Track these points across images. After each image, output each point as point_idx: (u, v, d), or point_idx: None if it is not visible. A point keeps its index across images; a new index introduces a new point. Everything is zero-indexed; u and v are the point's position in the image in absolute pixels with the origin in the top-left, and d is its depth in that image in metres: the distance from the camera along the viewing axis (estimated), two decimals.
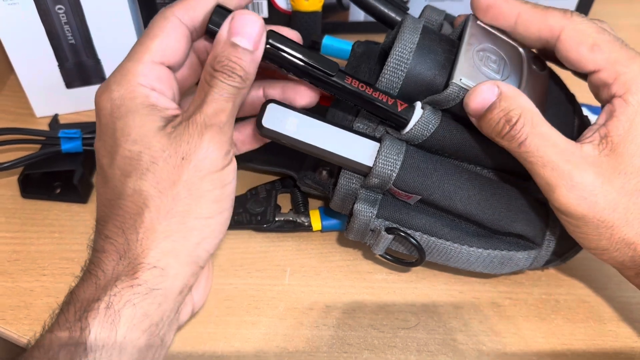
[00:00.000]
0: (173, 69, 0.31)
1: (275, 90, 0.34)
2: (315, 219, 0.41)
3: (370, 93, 0.32)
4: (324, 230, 0.41)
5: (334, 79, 0.31)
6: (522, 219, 0.34)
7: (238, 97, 0.29)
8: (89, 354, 0.26)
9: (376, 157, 0.32)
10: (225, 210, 0.30)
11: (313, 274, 0.39)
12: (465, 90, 0.31)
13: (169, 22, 0.29)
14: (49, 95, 0.49)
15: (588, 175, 0.29)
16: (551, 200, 0.30)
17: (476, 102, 0.30)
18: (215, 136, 0.28)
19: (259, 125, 0.32)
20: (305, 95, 0.33)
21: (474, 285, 0.39)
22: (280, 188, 0.43)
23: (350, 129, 0.33)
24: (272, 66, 0.31)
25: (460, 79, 0.31)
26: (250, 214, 0.41)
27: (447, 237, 0.35)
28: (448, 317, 0.37)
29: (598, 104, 0.33)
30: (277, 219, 0.41)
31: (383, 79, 0.32)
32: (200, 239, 0.29)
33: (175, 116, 0.29)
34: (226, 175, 0.29)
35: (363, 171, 0.33)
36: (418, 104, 0.32)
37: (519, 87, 0.33)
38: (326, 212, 0.41)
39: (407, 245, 0.35)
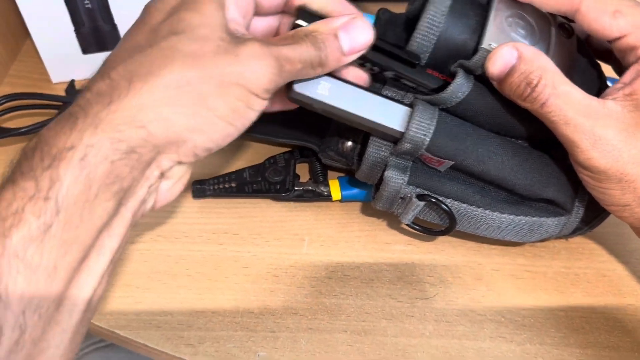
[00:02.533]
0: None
1: None
2: (335, 189, 0.41)
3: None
4: (343, 200, 0.41)
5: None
6: (553, 184, 0.34)
7: (304, 69, 0.29)
8: (60, 212, 0.23)
9: (409, 122, 0.31)
10: (233, 127, 0.28)
11: (331, 243, 0.39)
12: None
13: None
14: (65, 61, 0.48)
15: (611, 130, 0.29)
16: (574, 155, 0.30)
17: (497, 65, 0.30)
18: (272, 66, 0.27)
19: (289, 90, 0.31)
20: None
21: (493, 258, 0.39)
22: (299, 157, 0.43)
23: (381, 94, 0.33)
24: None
25: (490, 45, 0.30)
26: (269, 182, 0.41)
27: (479, 204, 0.34)
28: (466, 288, 0.37)
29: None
30: (296, 188, 0.41)
31: (414, 42, 0.32)
32: (198, 129, 0.26)
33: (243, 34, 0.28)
34: (256, 102, 0.28)
35: (395, 137, 0.32)
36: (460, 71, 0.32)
37: (547, 52, 0.32)
38: (347, 181, 0.41)
39: (438, 212, 0.35)
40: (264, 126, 0.43)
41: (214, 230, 0.40)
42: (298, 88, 0.31)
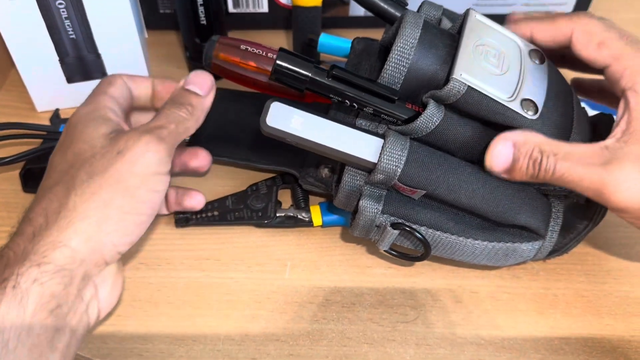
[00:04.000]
0: (133, 100, 0.37)
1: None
2: (316, 215, 0.41)
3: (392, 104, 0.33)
4: (324, 225, 0.41)
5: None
6: (525, 210, 0.35)
7: (181, 125, 0.33)
8: None
9: (381, 153, 0.32)
10: (144, 214, 0.32)
11: (313, 268, 0.40)
12: (465, 85, 0.31)
13: (118, 80, 0.35)
14: (49, 90, 0.49)
15: (626, 167, 0.30)
16: (607, 204, 0.31)
17: (500, 163, 0.32)
18: (152, 140, 0.31)
19: (262, 124, 0.32)
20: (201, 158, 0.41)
21: (473, 280, 0.39)
22: (281, 184, 0.43)
23: (354, 125, 0.33)
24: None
25: (461, 74, 0.31)
26: (251, 209, 0.41)
27: (452, 231, 0.35)
28: (446, 311, 0.38)
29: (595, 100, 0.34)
30: (277, 215, 0.41)
31: (385, 74, 0.33)
32: (112, 230, 0.30)
33: (123, 130, 0.33)
34: (156, 182, 0.31)
35: (368, 167, 0.33)
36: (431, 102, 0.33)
37: (518, 80, 0.33)
38: (327, 207, 0.42)
39: (412, 240, 0.36)
40: (246, 153, 0.44)
41: (196, 257, 0.40)
42: (271, 122, 0.32)
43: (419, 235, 0.35)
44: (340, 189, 0.35)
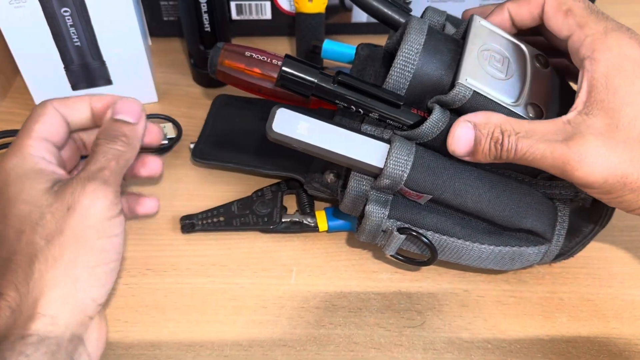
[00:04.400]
0: (57, 147, 0.34)
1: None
2: (322, 220, 0.41)
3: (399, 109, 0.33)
4: (330, 230, 0.41)
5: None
6: (531, 214, 0.35)
7: (121, 159, 0.32)
8: None
9: (387, 158, 0.32)
10: (112, 262, 0.31)
11: (319, 273, 0.40)
12: (470, 90, 0.31)
13: (48, 110, 0.33)
14: (54, 97, 0.49)
15: (588, 141, 0.29)
16: (571, 180, 0.30)
17: (462, 145, 0.31)
18: (98, 187, 0.30)
19: (268, 130, 0.32)
20: (152, 166, 0.37)
21: (479, 284, 0.39)
22: (286, 189, 0.43)
23: (359, 131, 0.33)
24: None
25: (466, 79, 0.31)
26: (256, 215, 0.42)
27: (459, 236, 0.35)
28: (453, 315, 0.38)
29: None
30: (283, 220, 0.41)
31: (390, 80, 0.33)
32: (86, 287, 0.29)
33: (62, 179, 0.31)
34: (112, 227, 0.30)
35: (374, 172, 0.33)
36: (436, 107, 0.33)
37: (523, 84, 0.33)
38: (332, 212, 0.42)
39: (419, 244, 0.36)
40: (251, 158, 0.44)
41: (202, 263, 0.40)
42: (277, 128, 0.32)
43: (426, 240, 0.35)
44: (346, 194, 0.35)
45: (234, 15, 0.56)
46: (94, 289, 0.30)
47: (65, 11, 0.44)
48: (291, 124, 0.32)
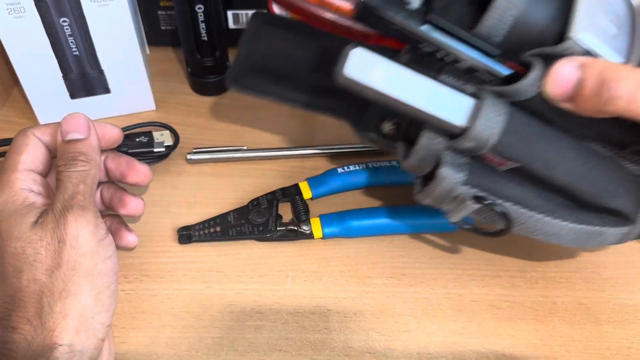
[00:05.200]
0: (42, 175, 0.34)
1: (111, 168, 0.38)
2: (317, 227, 0.42)
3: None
4: (325, 237, 0.42)
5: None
6: (622, 194, 0.31)
7: (88, 178, 0.32)
8: None
9: (474, 117, 0.27)
10: (112, 284, 0.32)
11: (314, 279, 0.40)
12: (582, 46, 0.28)
13: (30, 139, 0.34)
14: (53, 106, 0.49)
15: None
16: None
17: (563, 86, 0.27)
18: (79, 214, 0.30)
19: (338, 74, 0.27)
20: (140, 172, 0.38)
21: (472, 289, 0.40)
22: (281, 197, 0.44)
23: (443, 82, 0.28)
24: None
25: (580, 33, 0.27)
26: (252, 224, 0.42)
27: (540, 210, 0.31)
28: (447, 320, 0.38)
29: None
30: (278, 229, 0.42)
31: (485, 24, 0.28)
32: (94, 314, 0.30)
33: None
34: (104, 249, 0.31)
35: (454, 132, 0.29)
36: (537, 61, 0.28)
37: (632, 41, 0.30)
38: (328, 219, 0.42)
39: (486, 214, 0.32)
40: (296, 93, 0.40)
41: (199, 269, 0.40)
42: (350, 72, 0.27)
43: (503, 211, 0.30)
44: (415, 152, 0.30)
45: (231, 24, 0.57)
46: (101, 314, 0.31)
47: (64, 21, 0.45)
48: (367, 68, 0.27)
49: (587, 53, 0.28)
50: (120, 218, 0.39)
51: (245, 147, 0.48)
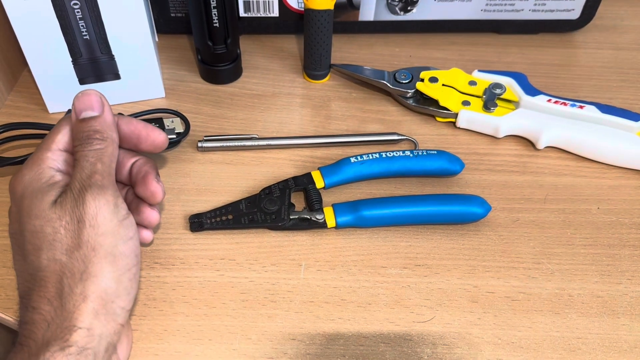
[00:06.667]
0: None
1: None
2: (330, 216, 0.41)
3: None
4: (338, 226, 0.41)
5: None
6: None
7: (105, 156, 0.31)
8: None
9: None
10: (133, 266, 0.31)
11: (328, 268, 0.40)
12: None
13: (66, 121, 0.33)
14: (61, 91, 0.49)
15: None
16: None
17: None
18: (97, 193, 0.30)
19: None
20: (157, 136, 0.36)
21: (488, 280, 0.39)
22: (293, 186, 0.43)
23: None
24: None
25: None
26: (264, 213, 0.41)
27: None
28: (463, 311, 0.38)
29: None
30: (291, 217, 0.41)
31: None
32: (114, 297, 0.30)
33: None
34: (125, 229, 0.31)
35: None
36: None
37: None
38: (341, 208, 0.41)
39: None
40: None
41: (211, 257, 0.40)
42: None
43: None
44: None
45: (242, 13, 0.56)
46: (121, 297, 0.30)
47: (75, 4, 0.44)
48: None
49: None
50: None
51: (256, 136, 0.48)
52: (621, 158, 0.47)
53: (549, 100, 0.48)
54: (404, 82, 0.51)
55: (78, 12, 0.44)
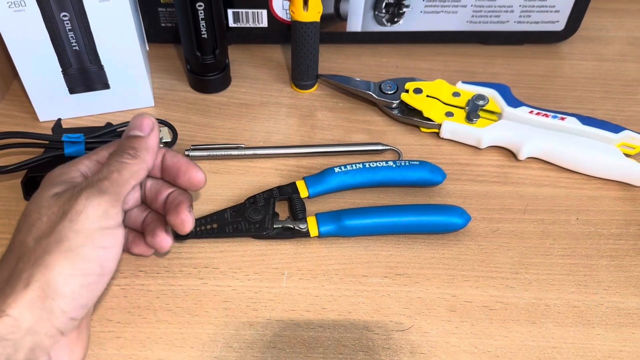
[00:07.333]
0: None
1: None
2: (313, 225, 0.42)
3: None
4: (321, 236, 0.42)
5: None
6: None
7: (125, 171, 0.32)
8: None
9: None
10: (92, 274, 0.29)
11: (310, 277, 0.40)
12: None
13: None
14: (52, 101, 0.49)
15: None
16: None
17: None
18: (93, 194, 0.30)
19: None
20: (196, 175, 0.37)
21: (467, 290, 0.40)
22: (278, 196, 0.44)
23: None
24: None
25: None
26: (249, 222, 0.42)
27: None
28: (441, 320, 0.38)
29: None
30: (275, 227, 0.42)
31: None
32: (56, 295, 0.28)
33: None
34: (102, 238, 0.30)
35: None
36: None
37: None
38: (324, 218, 0.42)
39: None
40: None
41: (195, 265, 0.41)
42: None
43: None
44: None
45: (231, 23, 0.57)
46: (65, 299, 0.28)
47: (65, 16, 0.45)
48: None
49: None
50: (162, 217, 0.37)
51: (243, 145, 0.49)
52: (601, 169, 0.47)
53: (531, 112, 0.49)
54: (389, 92, 0.52)
55: (67, 23, 0.45)
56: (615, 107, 0.55)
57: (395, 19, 0.58)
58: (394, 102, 0.52)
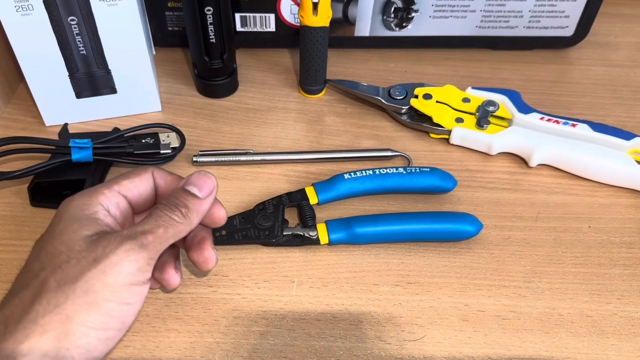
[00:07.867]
0: (133, 207, 0.34)
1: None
2: (323, 233, 0.41)
3: None
4: (331, 243, 0.42)
5: None
6: None
7: (171, 229, 0.31)
8: None
9: None
10: (111, 329, 0.29)
11: (320, 285, 0.40)
12: None
13: (144, 173, 0.34)
14: (58, 105, 0.49)
15: None
16: None
17: None
18: (133, 249, 0.29)
19: None
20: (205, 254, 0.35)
21: (479, 299, 0.40)
22: (287, 202, 0.43)
23: None
24: None
25: None
26: (258, 229, 0.42)
27: None
28: (453, 329, 0.38)
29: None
30: (285, 234, 0.41)
31: None
32: (72, 347, 0.27)
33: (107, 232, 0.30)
34: (129, 294, 0.29)
35: None
36: None
37: None
38: (334, 225, 0.42)
39: None
40: None
41: (204, 273, 0.40)
42: None
43: None
44: None
45: (238, 27, 0.57)
46: (80, 350, 0.27)
47: (72, 20, 0.44)
48: None
49: None
50: (176, 251, 0.37)
51: (251, 151, 0.48)
52: (612, 177, 0.47)
53: (542, 118, 0.49)
54: (398, 98, 0.52)
55: (75, 27, 0.45)
56: (626, 114, 0.55)
57: (404, 24, 0.57)
58: (403, 107, 0.51)
